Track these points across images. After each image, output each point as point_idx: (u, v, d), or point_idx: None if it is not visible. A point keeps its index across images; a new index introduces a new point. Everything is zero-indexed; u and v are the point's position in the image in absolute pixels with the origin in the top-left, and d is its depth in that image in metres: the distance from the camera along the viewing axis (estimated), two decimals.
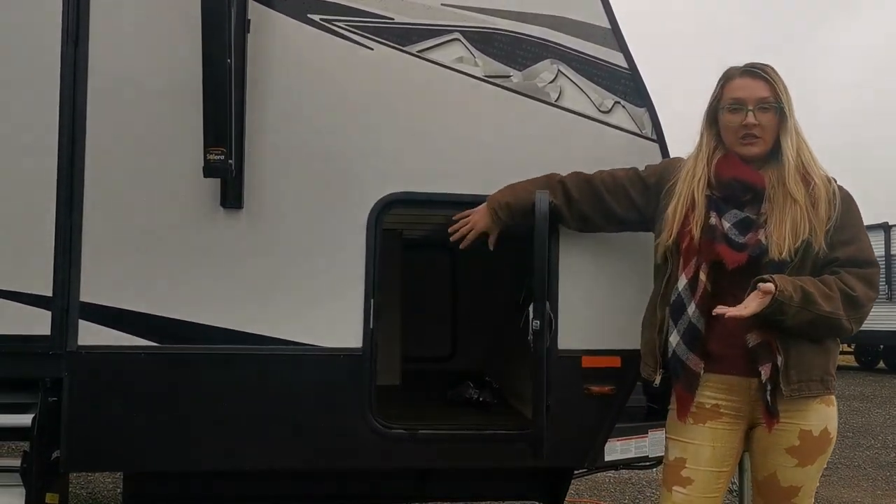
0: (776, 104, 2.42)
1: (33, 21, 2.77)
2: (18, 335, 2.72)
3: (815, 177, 2.39)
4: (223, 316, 2.81)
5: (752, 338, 2.36)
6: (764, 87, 2.43)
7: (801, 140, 2.44)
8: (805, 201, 2.36)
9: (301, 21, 2.87)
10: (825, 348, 2.41)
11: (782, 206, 2.37)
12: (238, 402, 2.82)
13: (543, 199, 2.67)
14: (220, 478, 3.14)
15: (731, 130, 2.47)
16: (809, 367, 2.35)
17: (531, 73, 2.98)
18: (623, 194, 2.74)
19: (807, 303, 2.28)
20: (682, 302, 2.42)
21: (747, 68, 2.47)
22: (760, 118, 2.42)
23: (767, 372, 2.33)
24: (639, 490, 5.70)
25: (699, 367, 2.42)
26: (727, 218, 2.42)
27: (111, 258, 2.77)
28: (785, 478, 2.40)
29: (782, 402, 2.35)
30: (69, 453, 2.78)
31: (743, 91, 2.44)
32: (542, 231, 2.63)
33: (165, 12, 2.82)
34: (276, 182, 2.84)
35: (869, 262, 2.43)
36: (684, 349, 2.42)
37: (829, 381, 2.39)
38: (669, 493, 2.47)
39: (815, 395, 2.36)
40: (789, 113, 2.42)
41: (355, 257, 2.85)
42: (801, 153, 2.42)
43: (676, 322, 2.44)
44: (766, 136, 2.44)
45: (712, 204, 2.45)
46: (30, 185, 2.75)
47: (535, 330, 2.61)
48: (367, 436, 2.86)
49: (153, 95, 2.80)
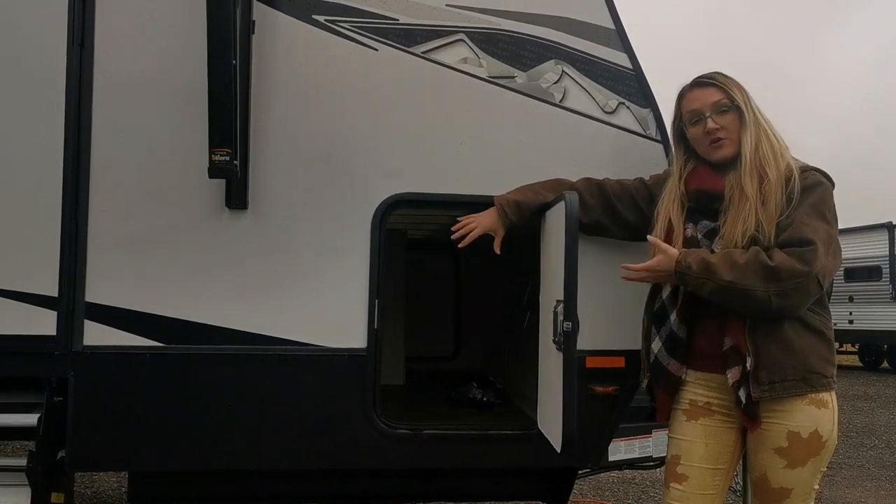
0: (731, 104, 2.47)
1: (39, 24, 2.78)
2: (25, 335, 2.73)
3: (770, 171, 2.39)
4: (228, 316, 2.82)
5: (727, 340, 2.40)
6: (715, 93, 2.49)
7: (761, 133, 2.45)
8: (755, 197, 2.37)
9: (305, 22, 2.88)
10: (805, 346, 2.35)
11: (738, 207, 2.40)
12: (242, 403, 2.83)
13: (573, 199, 2.63)
14: (224, 478, 3.15)
15: (698, 142, 2.53)
16: (781, 367, 2.32)
17: (535, 73, 2.98)
18: (630, 202, 2.80)
19: (708, 272, 2.33)
20: (665, 310, 2.53)
21: (695, 80, 2.55)
22: (720, 121, 2.47)
23: (736, 375, 2.36)
24: (642, 490, 5.70)
25: (681, 373, 2.52)
26: (699, 229, 2.49)
27: (116, 259, 2.78)
28: (776, 479, 2.39)
29: (764, 402, 2.34)
30: (74, 453, 2.80)
31: (696, 102, 2.51)
32: (572, 231, 2.59)
33: (170, 14, 2.82)
34: (280, 183, 2.85)
35: (804, 241, 2.30)
36: (665, 355, 2.52)
37: (814, 380, 2.33)
38: (668, 489, 2.54)
39: (792, 394, 2.32)
40: (746, 109, 2.46)
41: (360, 258, 2.86)
42: (758, 147, 2.43)
43: (659, 329, 2.55)
44: (733, 136, 2.48)
45: (689, 214, 2.53)
46: (36, 186, 2.76)
47: (566, 331, 2.59)
48: (372, 436, 2.87)
49: (158, 97, 2.81)
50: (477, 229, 2.83)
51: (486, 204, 2.95)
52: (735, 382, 2.37)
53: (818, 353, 2.37)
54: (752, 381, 2.32)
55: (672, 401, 2.56)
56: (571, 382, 2.61)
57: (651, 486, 5.72)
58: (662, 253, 2.42)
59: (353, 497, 3.32)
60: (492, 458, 3.03)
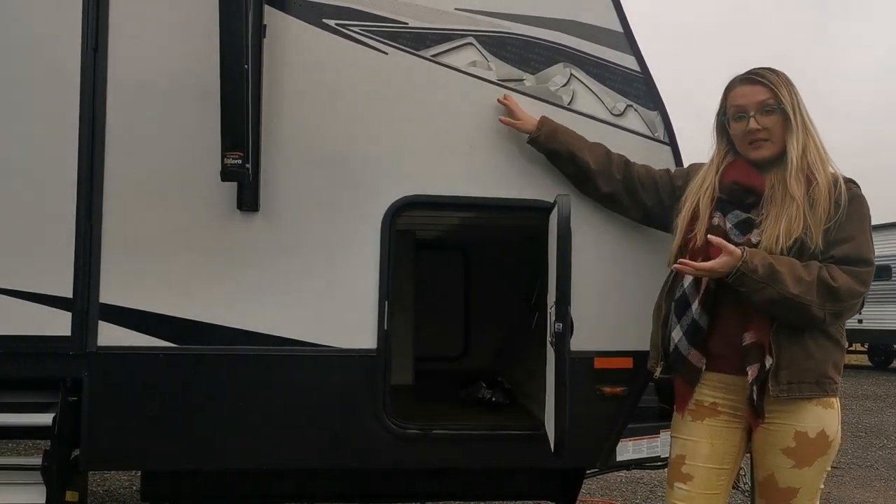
0: (777, 106, 2.45)
1: (54, 29, 2.81)
2: (40, 336, 2.77)
3: (818, 176, 2.40)
4: (239, 317, 2.85)
5: (748, 336, 2.40)
6: (763, 91, 2.46)
7: (808, 139, 2.44)
8: (803, 200, 2.37)
9: (316, 26, 2.91)
10: (823, 351, 2.39)
11: (780, 206, 2.39)
12: (253, 403, 2.86)
13: (566, 201, 2.67)
14: (235, 476, 3.19)
15: (738, 138, 2.52)
16: (802, 369, 2.35)
17: (544, 76, 3.00)
18: (653, 188, 2.85)
19: (772, 280, 2.28)
20: (687, 299, 2.49)
21: (746, 75, 2.52)
22: (763, 121, 2.45)
23: (754, 372, 2.37)
24: (650, 490, 5.72)
25: (701, 363, 2.48)
26: (730, 218, 2.47)
27: (130, 261, 2.81)
28: (783, 479, 2.41)
29: (771, 402, 2.36)
30: (89, 452, 2.83)
31: (743, 98, 2.49)
32: (564, 233, 2.64)
33: (183, 19, 2.85)
34: (291, 185, 2.87)
35: (862, 260, 2.37)
36: (686, 345, 2.49)
37: (827, 384, 2.38)
38: (672, 489, 2.54)
39: (806, 396, 2.36)
40: (793, 113, 2.44)
41: (370, 259, 2.88)
42: (806, 152, 2.42)
43: (680, 318, 2.50)
44: (775, 138, 2.46)
45: (719, 205, 2.50)
46: (51, 188, 2.80)
47: (557, 332, 2.62)
48: (382, 435, 2.90)
49: (171, 100, 2.84)
50: (517, 118, 2.92)
51: (495, 206, 2.98)
52: (753, 379, 2.37)
53: (833, 360, 2.41)
54: (772, 380, 2.33)
55: (692, 391, 2.52)
56: (564, 383, 2.63)
57: (659, 486, 5.73)
58: (728, 254, 2.33)
59: (362, 496, 3.35)
60: (501, 458, 3.05)
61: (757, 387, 2.36)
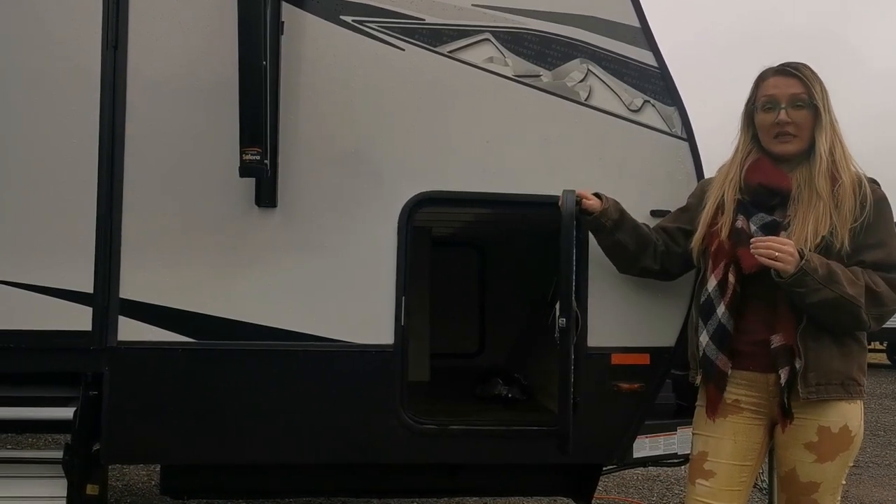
0: (809, 101, 2.43)
1: (75, 27, 2.84)
2: (61, 331, 2.80)
3: (843, 175, 2.39)
4: (257, 313, 2.87)
5: (777, 339, 2.39)
6: (797, 85, 2.44)
7: (836, 137, 2.43)
8: (829, 198, 2.36)
9: (333, 22, 2.92)
10: (848, 352, 2.40)
11: (807, 205, 2.38)
12: (271, 398, 2.88)
13: (570, 197, 2.68)
14: (253, 471, 3.21)
15: (765, 129, 2.50)
16: (829, 371, 2.36)
17: (561, 72, 2.99)
18: (681, 235, 2.72)
19: (830, 281, 2.27)
20: (712, 303, 2.47)
21: (781, 67, 2.50)
22: (794, 115, 2.44)
23: (786, 375, 2.36)
24: (667, 487, 5.69)
25: (727, 367, 2.48)
26: (754, 221, 2.45)
27: (149, 256, 2.84)
28: (804, 473, 2.41)
29: (798, 402, 2.37)
30: (109, 446, 2.86)
31: (776, 89, 2.47)
32: (568, 229, 2.65)
33: (202, 16, 2.87)
34: (309, 181, 2.89)
35: (895, 266, 2.40)
36: (714, 349, 2.47)
37: (852, 387, 2.38)
38: (693, 486, 2.53)
39: (834, 398, 2.37)
40: (824, 110, 2.42)
41: (387, 255, 2.89)
42: (833, 151, 2.42)
43: (706, 322, 2.49)
44: (802, 134, 2.45)
45: (741, 207, 2.48)
46: (71, 184, 2.83)
47: (561, 328, 2.62)
48: (399, 431, 2.91)
49: (190, 97, 2.86)
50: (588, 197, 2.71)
51: (512, 202, 2.98)
52: (785, 383, 2.37)
53: (857, 362, 2.42)
54: (801, 382, 2.34)
55: (722, 395, 2.49)
56: (568, 378, 2.64)
57: (676, 483, 5.71)
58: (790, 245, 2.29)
59: (379, 491, 3.37)
60: (517, 454, 3.06)
61: (787, 389, 2.37)
